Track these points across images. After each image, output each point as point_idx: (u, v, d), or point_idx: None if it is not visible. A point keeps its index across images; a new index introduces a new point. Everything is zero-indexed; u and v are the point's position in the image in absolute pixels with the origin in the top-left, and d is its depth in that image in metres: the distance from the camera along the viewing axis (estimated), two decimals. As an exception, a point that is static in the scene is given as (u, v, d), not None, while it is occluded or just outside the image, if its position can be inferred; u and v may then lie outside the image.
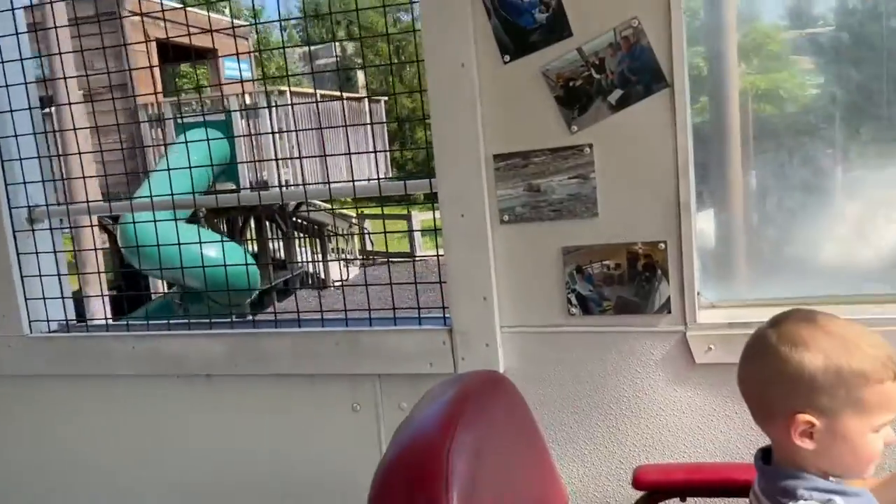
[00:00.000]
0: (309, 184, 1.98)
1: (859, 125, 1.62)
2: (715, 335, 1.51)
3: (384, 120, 9.15)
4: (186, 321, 1.89)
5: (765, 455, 1.05)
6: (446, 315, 1.69)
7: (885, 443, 0.96)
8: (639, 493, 1.38)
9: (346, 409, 1.76)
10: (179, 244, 1.86)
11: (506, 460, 1.20)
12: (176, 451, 1.93)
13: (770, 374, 0.97)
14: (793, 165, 1.64)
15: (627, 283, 1.56)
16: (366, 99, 9.12)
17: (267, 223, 9.84)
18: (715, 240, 1.71)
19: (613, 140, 1.52)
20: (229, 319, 1.86)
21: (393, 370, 1.72)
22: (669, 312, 1.54)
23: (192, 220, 6.69)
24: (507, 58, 1.55)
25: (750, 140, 1.67)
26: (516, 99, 1.56)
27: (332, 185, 1.73)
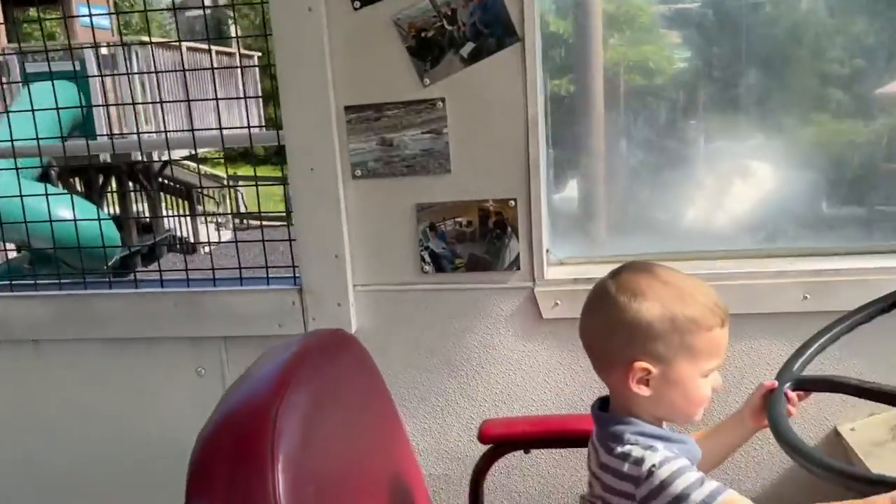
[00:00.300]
0: (142, 133, 1.84)
1: (718, 98, 1.67)
2: (561, 291, 1.54)
3: (258, 76, 8.76)
4: (8, 282, 1.72)
5: (603, 404, 1.07)
6: (296, 274, 1.62)
7: (712, 388, 1.00)
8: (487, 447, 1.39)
9: (190, 374, 1.67)
10: (-3, 197, 1.68)
11: (348, 419, 1.17)
12: (1, 424, 1.77)
13: (610, 324, 0.98)
14: (654, 133, 1.68)
15: (479, 240, 1.56)
16: (236, 53, 8.67)
17: (130, 183, 9.24)
18: (567, 200, 1.73)
19: (466, 94, 1.49)
20: (57, 280, 1.70)
21: (239, 332, 1.64)
22: (519, 269, 1.55)
23: (43, 178, 6.16)
24: (358, 4, 1.48)
25: (620, 108, 1.69)
26: (368, 48, 1.50)
27: (171, 136, 1.61)
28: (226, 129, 1.59)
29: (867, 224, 1.58)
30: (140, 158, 8.05)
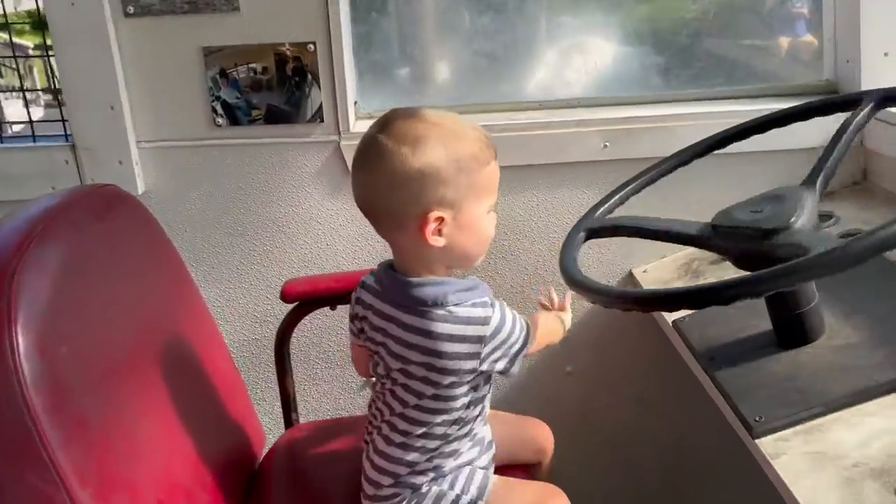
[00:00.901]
0: None
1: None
2: (367, 143, 1.46)
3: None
4: None
5: (390, 267, 1.02)
6: (67, 130, 1.43)
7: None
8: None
9: (-51, 246, 1.47)
10: None
11: (120, 282, 1.06)
12: None
13: (396, 178, 0.91)
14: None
15: (277, 89, 1.44)
16: None
17: None
18: (379, 48, 1.63)
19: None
20: None
21: (5, 196, 1.44)
22: (322, 121, 1.46)
23: None
24: None
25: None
26: None
27: None
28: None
29: (665, 73, 1.60)
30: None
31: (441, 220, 0.92)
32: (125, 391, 0.96)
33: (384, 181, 0.93)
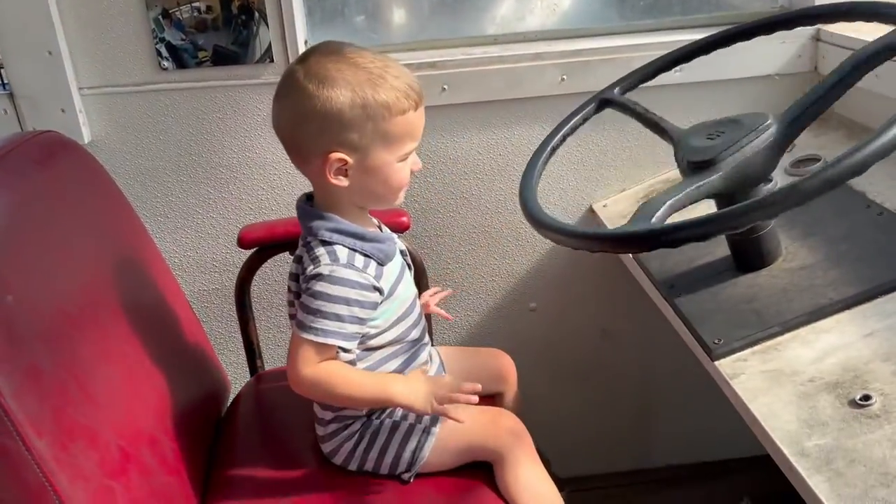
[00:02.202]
0: None
1: None
2: (321, 83, 1.42)
3: None
4: None
5: (309, 198, 1.03)
6: (4, 79, 1.36)
7: (412, 170, 1.00)
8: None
9: None
10: None
11: (66, 226, 1.03)
12: None
13: (300, 114, 0.92)
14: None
15: (223, 28, 1.38)
16: None
17: None
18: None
19: None
20: None
21: (-58, 150, 1.38)
22: (272, 62, 1.41)
23: None
24: None
25: None
26: None
27: None
28: None
29: (622, 3, 1.58)
30: None
31: (344, 161, 0.93)
32: (82, 340, 0.94)
33: (289, 115, 0.94)
